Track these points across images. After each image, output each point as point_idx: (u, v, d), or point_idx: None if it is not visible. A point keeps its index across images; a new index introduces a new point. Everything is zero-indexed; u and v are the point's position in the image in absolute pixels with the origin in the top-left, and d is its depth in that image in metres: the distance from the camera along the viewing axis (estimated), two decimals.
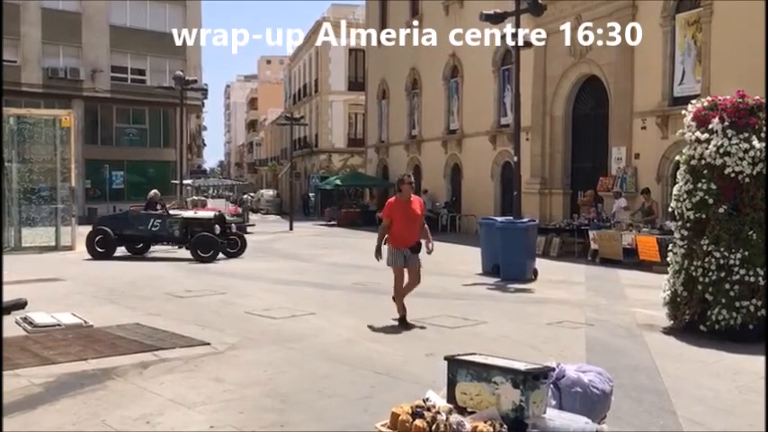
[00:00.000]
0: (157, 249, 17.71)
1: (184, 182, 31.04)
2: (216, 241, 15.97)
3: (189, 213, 17.50)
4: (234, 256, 16.81)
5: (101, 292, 11.33)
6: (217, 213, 17.79)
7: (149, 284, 12.18)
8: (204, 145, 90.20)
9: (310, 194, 46.26)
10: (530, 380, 3.99)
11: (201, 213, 17.96)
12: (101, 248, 16.38)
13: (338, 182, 36.24)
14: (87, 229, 17.09)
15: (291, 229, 28.40)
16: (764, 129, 7.93)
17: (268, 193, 54.43)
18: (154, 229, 16.48)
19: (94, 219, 31.05)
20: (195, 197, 30.08)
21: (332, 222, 33.69)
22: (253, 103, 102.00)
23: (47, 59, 35.57)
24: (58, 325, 8.16)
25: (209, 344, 7.40)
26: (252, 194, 57.42)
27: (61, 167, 18.98)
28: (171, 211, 17.20)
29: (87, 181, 35.94)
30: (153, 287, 11.84)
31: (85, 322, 8.35)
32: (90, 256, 16.33)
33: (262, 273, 14.18)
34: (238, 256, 16.89)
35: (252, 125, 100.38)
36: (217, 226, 16.45)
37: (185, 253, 16.45)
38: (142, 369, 6.41)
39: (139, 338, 7.57)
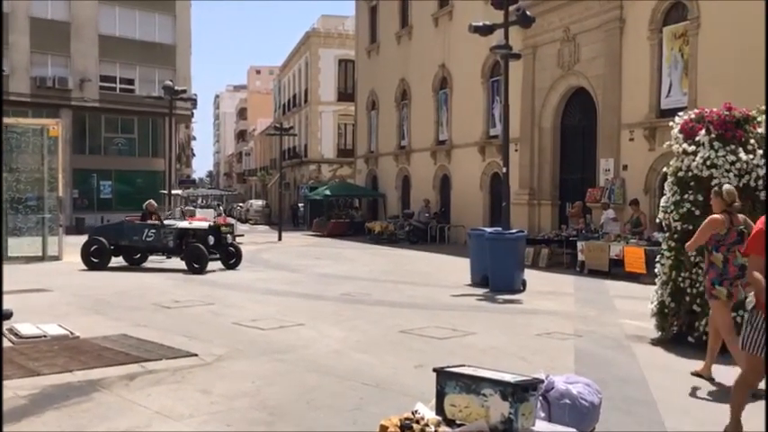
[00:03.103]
0: (149, 259, 17.57)
1: (174, 192, 30.93)
2: (204, 253, 15.72)
3: (183, 224, 17.13)
4: (231, 267, 16.52)
5: (87, 302, 11.24)
6: (212, 224, 17.55)
7: (137, 295, 12.10)
8: (193, 155, 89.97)
9: (299, 205, 46.21)
10: (519, 392, 3.99)
11: (196, 224, 17.60)
12: (95, 259, 16.20)
13: (327, 192, 36.23)
14: (75, 238, 16.98)
15: (280, 239, 28.33)
16: (760, 139, 8.03)
17: (257, 203, 54.32)
18: (148, 239, 16.28)
19: (83, 228, 31.20)
20: (184, 207, 29.96)
21: (319, 233, 33.58)
22: (242, 113, 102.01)
23: (35, 68, 35.45)
24: (44, 336, 8.09)
25: (196, 355, 7.35)
26: (240, 205, 57.33)
27: (49, 177, 18.85)
28: (165, 222, 16.92)
29: (75, 191, 35.74)
30: (141, 298, 11.77)
31: (72, 333, 8.28)
32: (85, 267, 16.09)
33: (250, 283, 14.12)
34: (235, 267, 16.61)
35: (241, 135, 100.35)
36: (211, 237, 16.24)
37: (176, 263, 16.33)
38: (129, 381, 6.35)
39: (126, 350, 7.51)
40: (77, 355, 7.26)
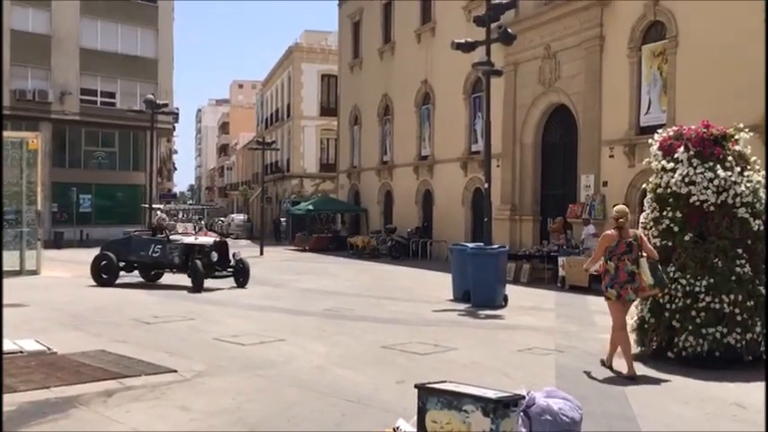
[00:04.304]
0: (129, 274, 17.26)
1: (154, 206, 30.65)
2: (200, 269, 15.24)
3: (189, 239, 16.55)
4: (240, 285, 15.94)
5: (66, 318, 11.10)
6: (216, 240, 16.97)
7: (116, 310, 11.96)
8: (175, 169, 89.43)
9: (282, 219, 46.05)
10: (500, 408, 3.99)
11: (202, 239, 16.91)
12: (105, 275, 15.88)
13: (310, 207, 36.16)
14: (53, 253, 16.66)
15: (262, 254, 28.19)
16: (737, 156, 8.22)
17: (239, 217, 54.03)
18: (155, 254, 15.93)
19: (61, 242, 30.83)
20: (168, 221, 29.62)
21: (301, 248, 33.45)
22: (224, 128, 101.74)
23: (15, 81, 35.15)
24: (21, 352, 7.97)
25: (176, 371, 7.28)
26: (222, 219, 57.03)
27: (27, 190, 18.64)
28: (171, 237, 16.36)
29: (54, 204, 35.36)
30: (120, 313, 11.63)
31: (49, 349, 8.17)
32: (95, 283, 15.76)
33: (232, 298, 14.03)
34: (244, 285, 15.98)
35: (223, 149, 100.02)
36: (214, 253, 15.83)
37: (182, 280, 15.89)
38: (107, 397, 6.27)
39: (104, 366, 7.42)
40: (55, 371, 7.15)
